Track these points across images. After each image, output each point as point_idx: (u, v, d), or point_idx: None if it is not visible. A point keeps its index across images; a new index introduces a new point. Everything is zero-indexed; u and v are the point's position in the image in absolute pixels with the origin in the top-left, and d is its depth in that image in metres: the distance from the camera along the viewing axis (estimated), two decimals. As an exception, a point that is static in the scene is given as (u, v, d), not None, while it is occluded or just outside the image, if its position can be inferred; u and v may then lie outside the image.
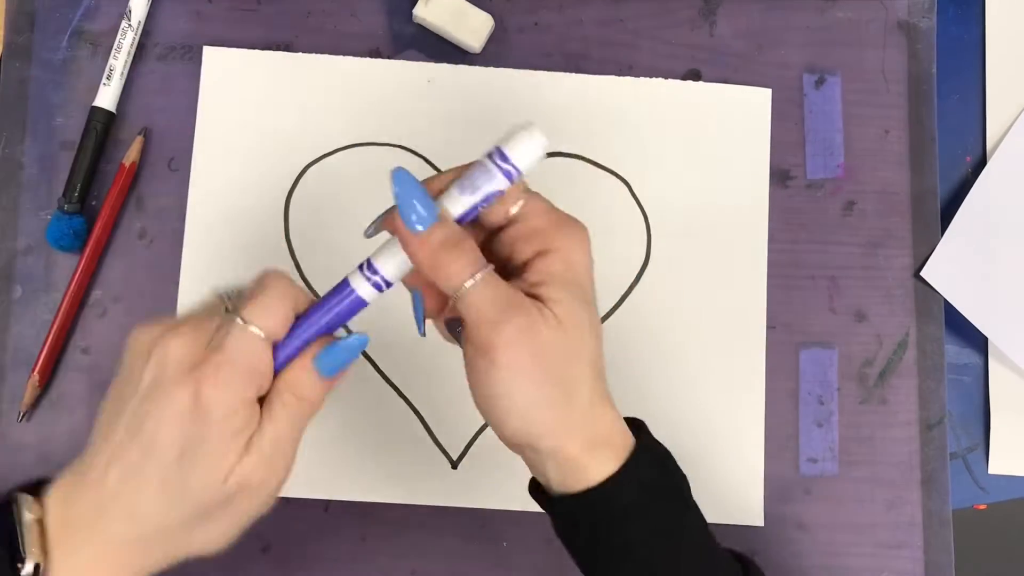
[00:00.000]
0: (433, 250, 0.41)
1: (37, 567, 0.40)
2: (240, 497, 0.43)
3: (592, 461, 0.43)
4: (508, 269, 0.44)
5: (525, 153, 0.42)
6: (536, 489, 0.47)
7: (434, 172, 0.64)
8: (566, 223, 0.44)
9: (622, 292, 0.63)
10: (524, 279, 0.43)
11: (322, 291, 0.64)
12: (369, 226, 0.45)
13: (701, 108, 0.65)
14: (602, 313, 0.63)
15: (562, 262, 0.42)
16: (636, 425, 0.46)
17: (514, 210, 0.43)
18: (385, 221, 0.44)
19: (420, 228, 0.41)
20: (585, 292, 0.43)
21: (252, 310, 0.42)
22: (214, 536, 0.44)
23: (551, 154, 0.64)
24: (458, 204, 0.42)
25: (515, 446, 0.44)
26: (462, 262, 0.41)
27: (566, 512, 0.45)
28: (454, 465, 0.62)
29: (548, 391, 0.42)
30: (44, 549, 0.41)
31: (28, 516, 0.41)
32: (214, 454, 0.41)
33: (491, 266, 0.42)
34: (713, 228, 0.64)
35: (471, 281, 0.41)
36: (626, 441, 0.44)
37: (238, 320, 0.42)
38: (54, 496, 0.42)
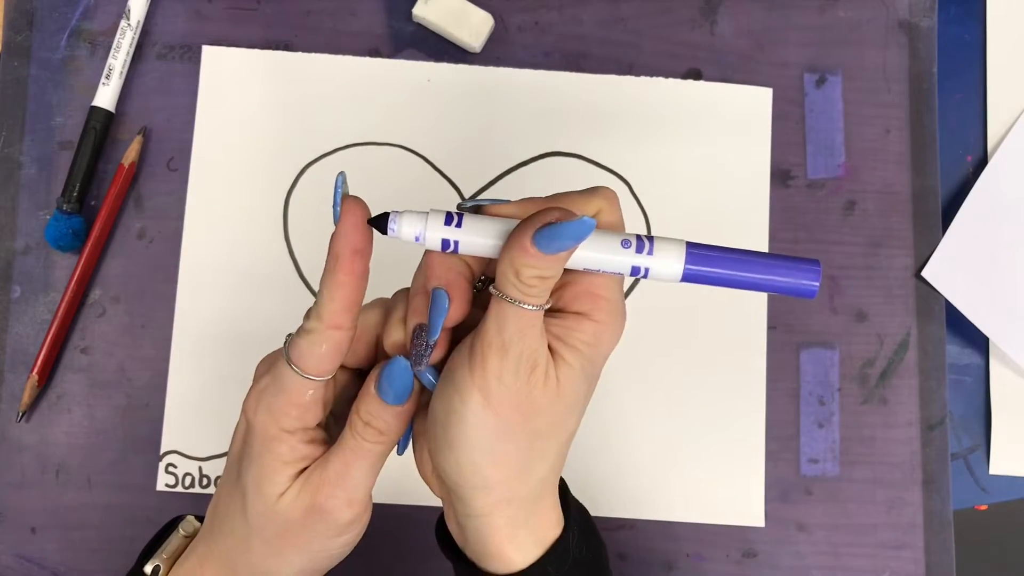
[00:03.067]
0: (531, 272, 0.37)
1: (156, 569, 0.45)
2: (303, 524, 0.42)
3: (511, 546, 0.41)
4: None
5: (666, 266, 0.38)
6: (443, 532, 0.45)
7: (433, 171, 0.64)
8: (618, 307, 0.41)
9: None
10: (548, 324, 0.40)
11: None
12: (465, 203, 0.41)
13: (702, 107, 0.65)
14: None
15: (593, 335, 0.40)
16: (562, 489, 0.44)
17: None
18: (496, 208, 0.40)
19: (548, 252, 0.37)
20: (595, 370, 0.41)
21: (292, 347, 0.40)
22: (287, 565, 0.43)
23: (551, 153, 0.64)
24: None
25: (448, 483, 0.41)
26: (534, 291, 0.37)
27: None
28: None
29: (513, 448, 0.39)
30: (174, 558, 0.46)
31: (180, 532, 0.46)
32: (262, 472, 0.42)
33: (547, 305, 0.38)
34: (714, 227, 0.64)
35: (528, 305, 0.37)
36: (552, 533, 0.42)
37: (283, 356, 0.41)
38: None
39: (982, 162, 0.67)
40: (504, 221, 0.39)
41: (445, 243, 0.39)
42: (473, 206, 0.40)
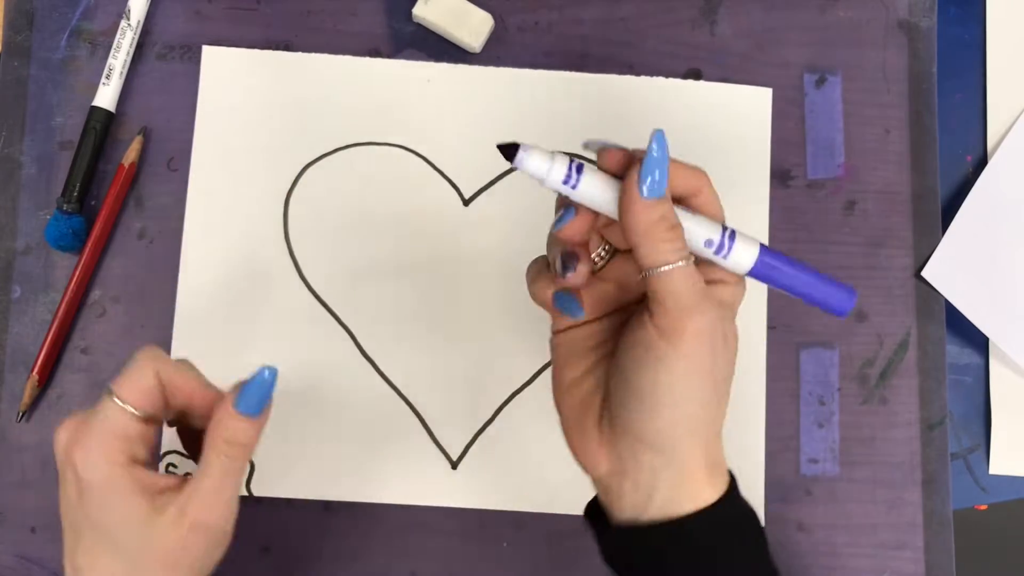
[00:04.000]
0: (653, 221, 0.41)
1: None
2: (188, 543, 0.45)
3: (708, 482, 0.43)
4: None
5: (743, 255, 0.44)
6: (594, 515, 0.46)
7: (433, 171, 0.64)
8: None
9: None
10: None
11: (322, 291, 0.64)
12: (592, 142, 0.44)
13: (702, 107, 0.65)
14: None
15: (733, 293, 0.44)
16: None
17: None
18: (610, 155, 0.43)
19: (649, 195, 0.41)
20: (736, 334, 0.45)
21: (118, 384, 0.45)
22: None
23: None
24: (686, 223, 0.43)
25: (656, 441, 0.43)
26: (675, 244, 0.41)
27: (647, 537, 0.43)
28: (454, 466, 0.62)
29: (710, 392, 0.42)
30: None
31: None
32: (127, 510, 0.44)
33: (693, 257, 0.42)
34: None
35: (677, 264, 0.41)
36: (726, 474, 0.45)
37: (105, 395, 0.45)
38: None
39: (982, 162, 0.67)
40: (615, 183, 0.43)
41: (567, 180, 0.42)
42: (599, 147, 0.44)
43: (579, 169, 0.42)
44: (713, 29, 0.66)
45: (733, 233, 0.43)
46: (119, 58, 0.63)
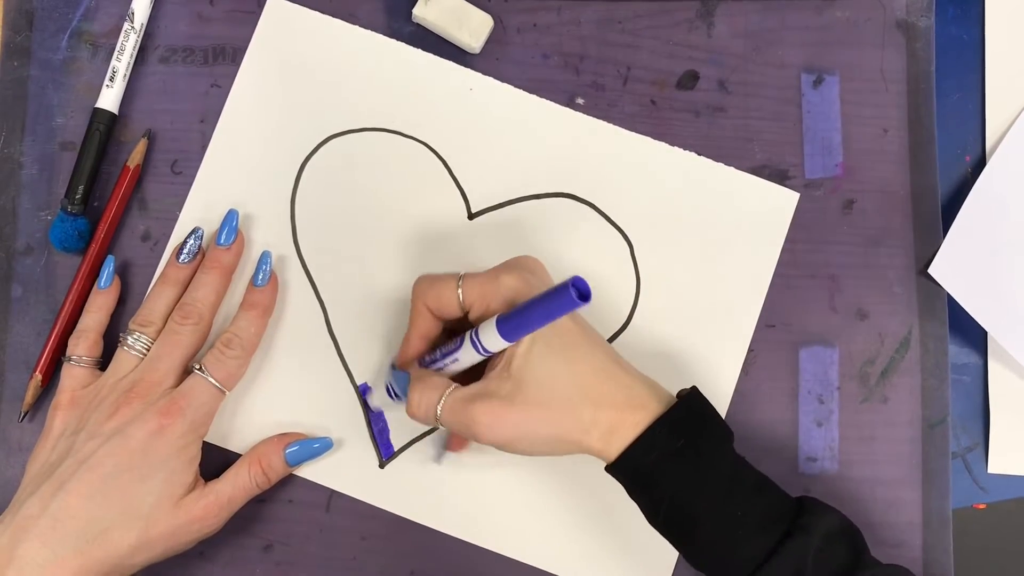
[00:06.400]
0: (415, 390, 0.55)
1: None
2: (185, 525, 0.55)
3: (626, 423, 0.52)
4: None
5: (492, 341, 0.52)
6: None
7: (450, 179, 0.64)
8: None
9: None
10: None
11: (310, 260, 0.63)
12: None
13: (726, 192, 0.64)
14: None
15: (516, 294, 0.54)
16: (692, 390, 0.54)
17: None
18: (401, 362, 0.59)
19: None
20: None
21: (218, 369, 0.58)
22: (149, 559, 0.55)
23: (566, 195, 0.64)
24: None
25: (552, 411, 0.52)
26: (427, 405, 0.54)
27: (615, 471, 0.53)
28: (382, 465, 0.62)
29: (572, 376, 0.52)
30: None
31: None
32: (174, 473, 0.55)
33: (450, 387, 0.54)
34: (702, 310, 0.64)
35: (443, 401, 0.53)
36: (640, 408, 0.52)
37: (198, 371, 0.57)
38: None
39: (980, 162, 0.67)
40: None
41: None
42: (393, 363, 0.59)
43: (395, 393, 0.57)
44: (710, 30, 0.66)
45: (475, 331, 0.52)
46: (123, 60, 0.63)
